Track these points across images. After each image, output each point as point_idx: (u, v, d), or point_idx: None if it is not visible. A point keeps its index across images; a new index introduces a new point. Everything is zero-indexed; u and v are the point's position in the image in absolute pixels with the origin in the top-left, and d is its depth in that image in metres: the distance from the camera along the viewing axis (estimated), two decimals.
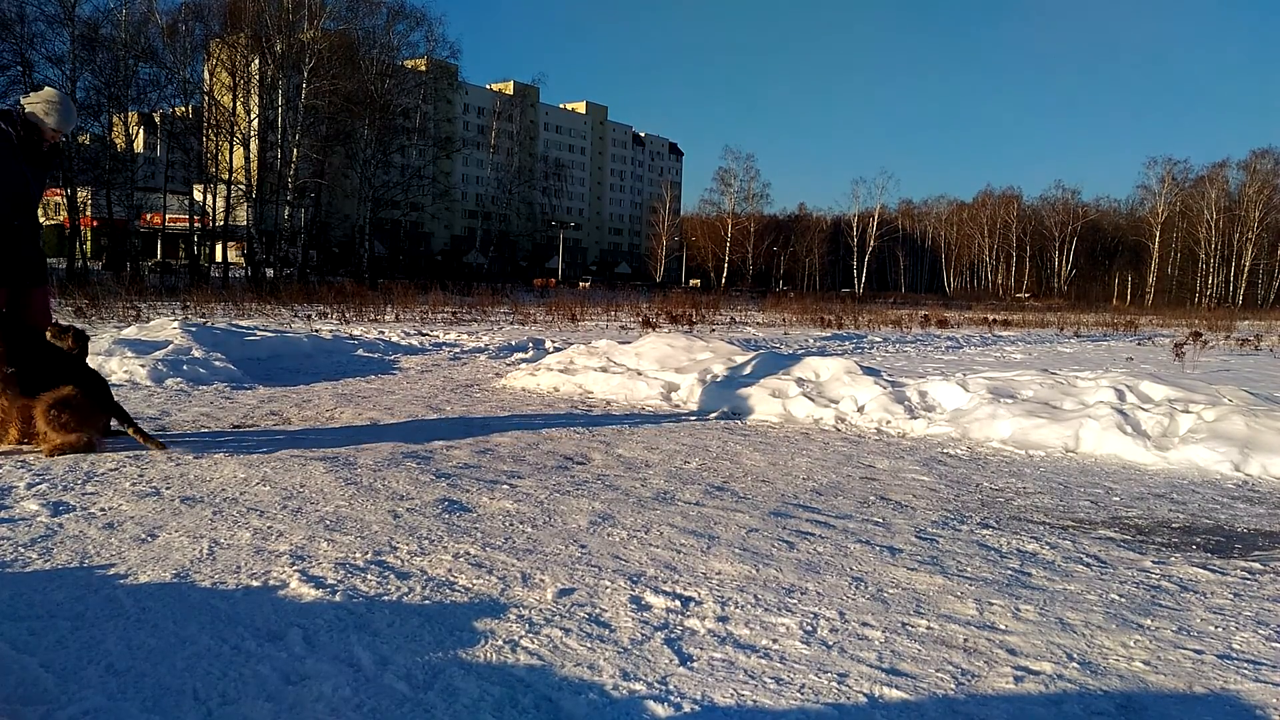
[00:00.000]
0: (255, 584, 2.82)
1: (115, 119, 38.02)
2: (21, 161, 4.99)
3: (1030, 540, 3.70)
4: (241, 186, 41.24)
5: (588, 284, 64.09)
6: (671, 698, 2.16)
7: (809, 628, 2.63)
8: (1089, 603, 2.94)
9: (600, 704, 2.12)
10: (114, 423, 4.91)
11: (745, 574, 3.11)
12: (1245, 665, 2.48)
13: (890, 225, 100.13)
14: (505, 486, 4.29)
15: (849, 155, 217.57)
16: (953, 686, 2.28)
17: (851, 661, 2.41)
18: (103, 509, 3.60)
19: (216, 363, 8.24)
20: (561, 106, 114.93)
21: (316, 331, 13.60)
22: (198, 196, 44.31)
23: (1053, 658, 2.47)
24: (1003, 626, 2.70)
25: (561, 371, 8.50)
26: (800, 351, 12.49)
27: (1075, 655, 2.50)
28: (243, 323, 14.54)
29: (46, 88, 5.28)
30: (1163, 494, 4.71)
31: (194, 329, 9.66)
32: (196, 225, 44.68)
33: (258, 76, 40.18)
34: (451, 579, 2.95)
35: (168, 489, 3.96)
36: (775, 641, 2.52)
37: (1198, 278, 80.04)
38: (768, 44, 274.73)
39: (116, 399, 5.01)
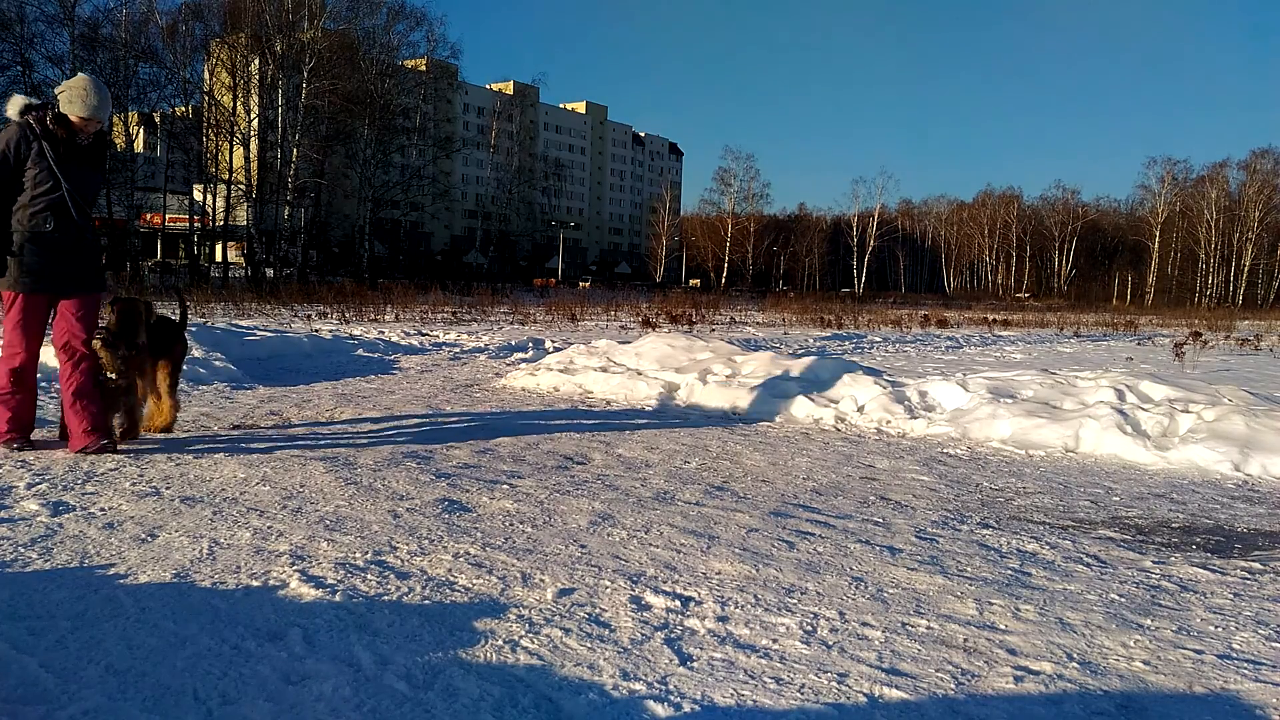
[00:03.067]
0: (255, 584, 2.82)
1: (115, 119, 37.98)
2: (50, 161, 4.51)
3: (1030, 540, 3.70)
4: (241, 186, 41.22)
5: (588, 284, 64.13)
6: (671, 698, 2.16)
7: (809, 628, 2.63)
8: (1089, 603, 2.94)
9: (600, 704, 2.12)
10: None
11: (745, 574, 3.10)
12: (1245, 665, 2.48)
13: (890, 225, 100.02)
14: (505, 486, 4.29)
15: (849, 155, 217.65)
16: (953, 686, 2.28)
17: (851, 661, 2.40)
18: (103, 509, 3.60)
19: (216, 363, 8.24)
20: (561, 106, 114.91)
21: (316, 331, 13.59)
22: (198, 196, 44.30)
23: (1053, 658, 2.47)
24: (1003, 626, 2.70)
25: (561, 371, 8.50)
26: (800, 351, 12.49)
27: (1075, 655, 2.50)
28: (242, 323, 14.54)
29: (79, 74, 4.77)
30: (1163, 494, 4.71)
31: (194, 329, 9.66)
32: (196, 225, 44.67)
33: (258, 76, 40.16)
34: (451, 579, 2.95)
35: (168, 489, 3.96)
36: (775, 641, 2.52)
37: (1198, 278, 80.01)
38: (768, 44, 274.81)
39: None
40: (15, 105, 4.63)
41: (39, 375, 7.25)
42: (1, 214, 4.51)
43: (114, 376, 4.75)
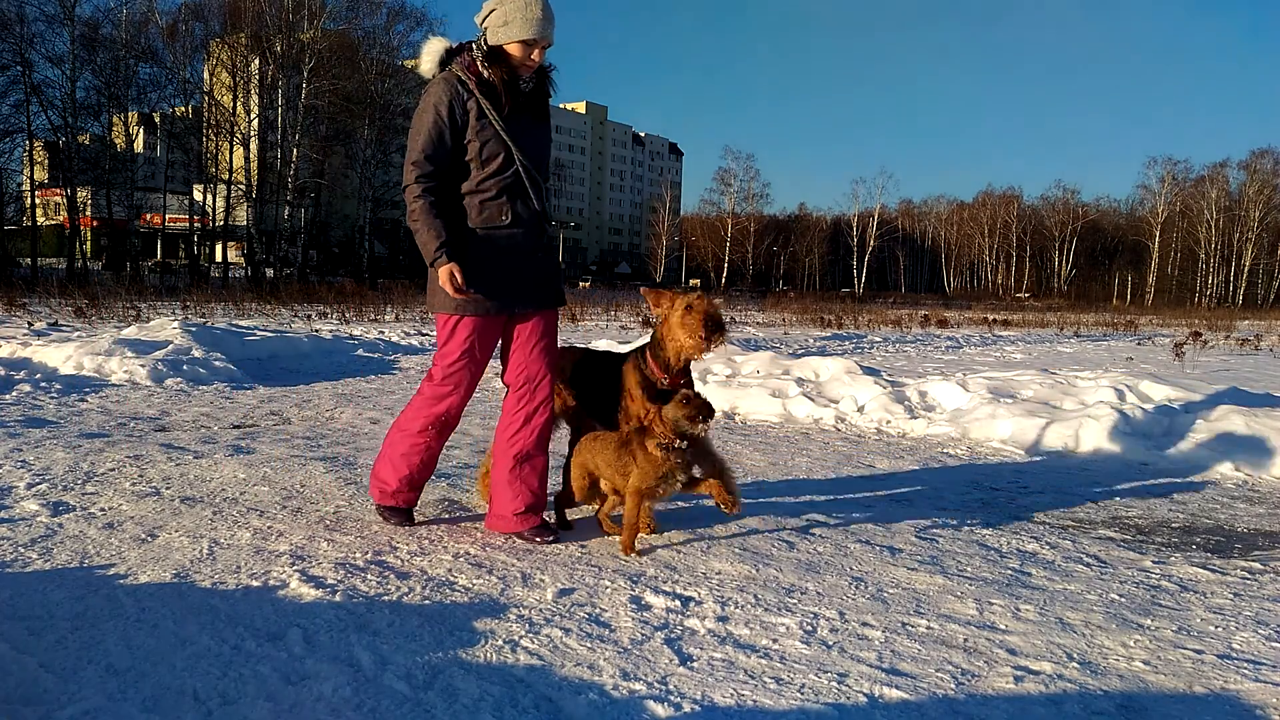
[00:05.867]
0: (255, 584, 2.82)
1: (115, 119, 38.04)
2: (495, 125, 3.20)
3: (1030, 540, 3.70)
4: (241, 186, 41.23)
5: (587, 284, 64.13)
6: (671, 698, 2.16)
7: (809, 628, 2.63)
8: (1089, 603, 2.94)
9: (600, 704, 2.12)
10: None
11: (745, 574, 3.10)
12: (1245, 665, 2.48)
13: (890, 225, 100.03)
14: None
15: (849, 155, 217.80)
16: (953, 686, 2.27)
17: (851, 661, 2.40)
18: (103, 509, 3.60)
19: (216, 363, 8.24)
20: (561, 106, 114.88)
21: (316, 331, 13.59)
22: (198, 196, 44.31)
23: (1053, 658, 2.47)
24: (1003, 626, 2.70)
25: None
26: (800, 351, 12.50)
27: (1075, 655, 2.50)
28: (243, 323, 14.54)
29: None
30: (1163, 494, 4.71)
31: (194, 329, 9.67)
32: (196, 225, 44.68)
33: (258, 76, 40.16)
34: (451, 579, 2.95)
35: (168, 489, 3.96)
36: (775, 641, 2.52)
37: (1198, 278, 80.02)
38: (768, 44, 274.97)
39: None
40: (433, 53, 3.28)
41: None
42: (429, 215, 3.18)
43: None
